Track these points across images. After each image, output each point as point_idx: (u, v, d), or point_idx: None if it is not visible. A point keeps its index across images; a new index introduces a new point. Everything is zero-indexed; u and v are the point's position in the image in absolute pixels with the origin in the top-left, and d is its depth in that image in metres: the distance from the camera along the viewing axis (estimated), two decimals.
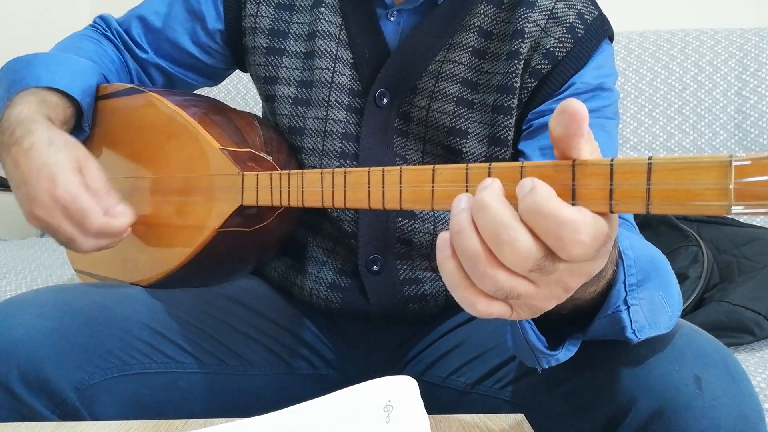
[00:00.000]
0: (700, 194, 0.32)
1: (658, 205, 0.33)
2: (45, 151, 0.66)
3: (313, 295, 0.78)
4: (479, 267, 0.36)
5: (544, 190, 0.34)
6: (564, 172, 0.37)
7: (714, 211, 0.31)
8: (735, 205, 0.31)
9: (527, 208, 0.34)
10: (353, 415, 0.47)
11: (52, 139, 0.67)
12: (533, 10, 0.70)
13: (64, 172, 0.65)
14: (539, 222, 0.34)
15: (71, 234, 0.67)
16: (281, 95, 0.78)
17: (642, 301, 0.50)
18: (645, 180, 0.34)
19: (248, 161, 0.69)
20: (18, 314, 0.63)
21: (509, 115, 0.70)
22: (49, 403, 0.60)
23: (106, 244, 0.69)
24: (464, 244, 0.36)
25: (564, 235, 0.34)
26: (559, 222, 0.33)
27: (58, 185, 0.65)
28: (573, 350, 0.51)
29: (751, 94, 1.45)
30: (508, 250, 0.35)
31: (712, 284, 1.13)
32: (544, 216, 0.34)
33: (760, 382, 0.86)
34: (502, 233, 0.35)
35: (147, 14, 0.86)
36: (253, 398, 0.75)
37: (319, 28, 0.75)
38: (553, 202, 0.34)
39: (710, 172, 0.31)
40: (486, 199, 0.35)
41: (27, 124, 0.68)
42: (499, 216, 0.35)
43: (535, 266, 0.35)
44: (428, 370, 0.76)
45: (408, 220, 0.74)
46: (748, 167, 0.30)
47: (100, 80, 0.80)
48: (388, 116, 0.73)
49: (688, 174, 0.32)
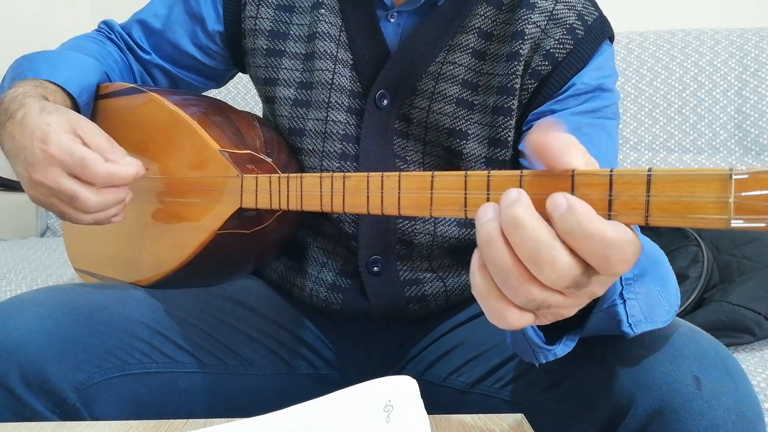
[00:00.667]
0: (699, 207, 0.32)
1: (657, 217, 0.33)
2: (37, 116, 0.64)
3: (313, 296, 0.78)
4: (512, 281, 0.35)
5: (584, 208, 0.34)
6: (563, 182, 0.37)
7: (713, 224, 0.31)
8: (734, 219, 0.31)
9: (570, 229, 0.34)
10: (353, 415, 0.47)
11: (43, 107, 0.66)
12: (533, 11, 0.70)
13: (56, 131, 0.63)
14: (583, 242, 0.34)
15: (73, 190, 0.62)
16: (281, 97, 0.78)
17: (638, 295, 0.50)
18: (644, 191, 0.33)
19: (248, 163, 0.69)
20: (18, 314, 0.62)
21: (509, 116, 0.71)
22: (49, 403, 0.60)
23: (111, 200, 0.65)
24: (495, 255, 0.35)
25: (611, 255, 0.33)
26: (606, 243, 0.33)
27: (51, 142, 0.62)
28: (571, 345, 0.51)
29: (751, 94, 1.45)
30: (548, 269, 0.34)
31: (712, 284, 1.13)
32: (588, 236, 0.33)
33: (760, 382, 0.86)
34: (542, 253, 0.34)
35: (147, 17, 0.86)
36: (253, 398, 0.75)
37: (319, 29, 0.75)
38: (596, 223, 0.33)
39: (710, 186, 0.31)
40: (520, 215, 0.34)
41: (20, 98, 0.67)
42: (536, 235, 0.34)
43: (572, 283, 0.35)
44: (428, 369, 0.76)
45: (408, 221, 0.74)
46: (748, 181, 0.30)
47: (102, 78, 0.80)
48: (388, 117, 0.73)
49: (687, 186, 0.32)
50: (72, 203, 0.64)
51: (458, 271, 0.77)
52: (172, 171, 0.74)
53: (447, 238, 0.75)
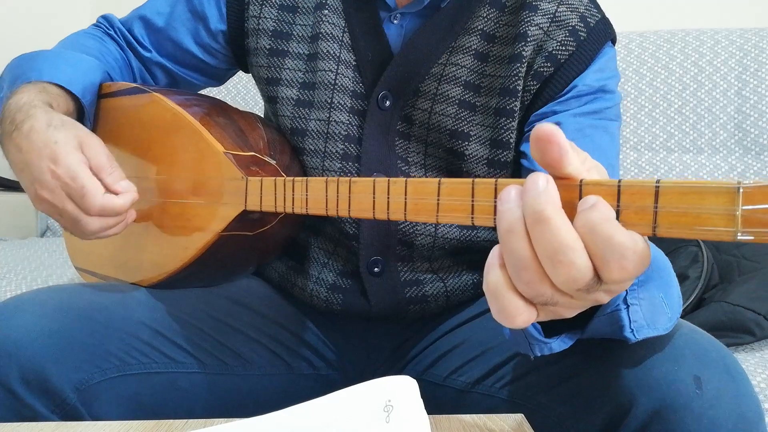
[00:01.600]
0: (707, 220, 0.32)
1: (665, 228, 0.33)
2: (44, 131, 0.66)
3: (313, 296, 0.78)
4: (524, 274, 0.35)
5: (604, 210, 0.34)
6: (571, 191, 0.36)
7: (720, 237, 0.31)
8: (741, 231, 0.31)
9: (584, 223, 0.34)
10: (353, 415, 0.47)
11: (50, 120, 0.67)
12: (536, 13, 0.70)
13: (65, 150, 0.65)
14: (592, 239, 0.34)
15: (75, 214, 0.65)
16: (283, 97, 0.77)
17: (642, 301, 0.50)
18: (652, 203, 0.33)
19: (252, 165, 0.69)
20: (18, 314, 0.62)
21: (511, 117, 0.71)
22: (49, 403, 0.60)
23: (112, 224, 0.67)
24: (514, 246, 0.35)
25: (611, 260, 0.34)
26: (611, 246, 0.33)
27: (60, 163, 0.64)
28: (568, 343, 0.50)
29: (751, 94, 1.45)
30: (563, 271, 0.34)
31: (712, 284, 1.13)
32: (597, 234, 0.34)
33: (760, 382, 0.86)
34: (560, 254, 0.34)
35: (149, 14, 0.86)
36: (253, 398, 0.75)
37: (322, 30, 0.75)
38: (608, 224, 0.34)
39: (718, 198, 0.31)
40: (546, 210, 0.34)
41: (26, 109, 0.68)
42: (560, 234, 0.34)
43: (583, 288, 0.35)
44: (428, 369, 0.76)
45: (409, 222, 0.74)
46: (755, 194, 0.30)
47: (104, 78, 0.80)
48: (391, 119, 0.73)
49: (695, 199, 0.32)
50: (74, 225, 0.66)
51: (459, 272, 0.77)
52: (175, 171, 0.74)
53: (448, 239, 0.75)
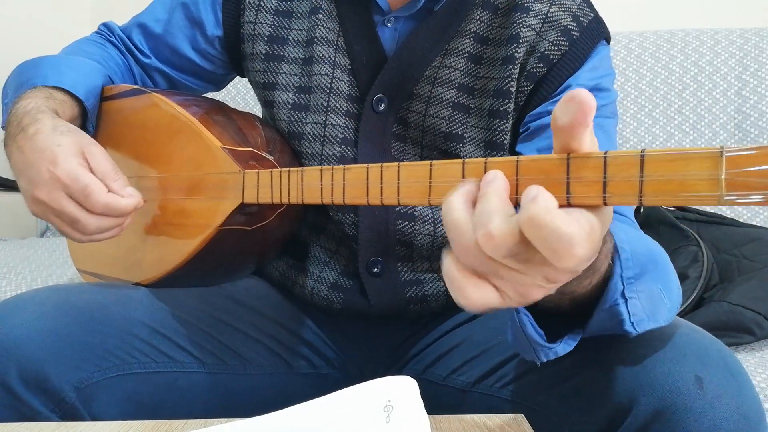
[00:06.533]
0: (692, 185, 0.33)
1: (651, 197, 0.34)
2: (50, 135, 0.66)
3: (314, 294, 0.78)
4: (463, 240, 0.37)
5: (545, 200, 0.34)
6: (559, 166, 0.37)
7: (706, 201, 0.32)
8: (726, 195, 0.31)
9: (526, 218, 0.34)
10: (353, 415, 0.47)
11: (56, 126, 0.67)
12: (528, 14, 0.70)
13: (65, 154, 0.65)
14: (536, 232, 0.34)
15: (74, 214, 0.65)
16: (280, 101, 0.78)
17: (640, 294, 0.50)
18: (638, 172, 0.34)
19: (250, 160, 0.70)
20: (17, 314, 0.63)
21: (505, 119, 0.71)
22: (49, 402, 0.61)
23: (110, 225, 0.67)
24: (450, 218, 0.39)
25: (558, 248, 0.33)
26: (557, 236, 0.33)
27: (59, 164, 0.64)
28: (572, 344, 0.50)
29: (751, 94, 1.45)
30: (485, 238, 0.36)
31: (712, 284, 1.13)
32: (540, 228, 0.33)
33: (759, 382, 0.86)
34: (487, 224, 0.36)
35: (148, 21, 0.87)
36: (253, 398, 0.75)
37: (317, 34, 0.75)
38: (550, 214, 0.33)
39: (702, 163, 0.32)
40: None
41: (34, 113, 0.69)
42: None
43: (508, 254, 0.35)
44: (429, 368, 0.76)
45: (408, 222, 0.74)
46: (739, 158, 0.31)
47: (105, 81, 0.81)
48: (386, 121, 0.73)
49: (680, 165, 0.33)
50: (72, 225, 0.66)
51: None
52: (175, 169, 0.74)
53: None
